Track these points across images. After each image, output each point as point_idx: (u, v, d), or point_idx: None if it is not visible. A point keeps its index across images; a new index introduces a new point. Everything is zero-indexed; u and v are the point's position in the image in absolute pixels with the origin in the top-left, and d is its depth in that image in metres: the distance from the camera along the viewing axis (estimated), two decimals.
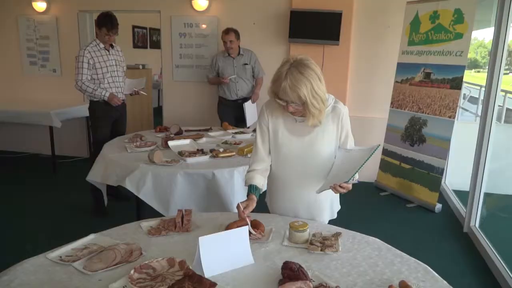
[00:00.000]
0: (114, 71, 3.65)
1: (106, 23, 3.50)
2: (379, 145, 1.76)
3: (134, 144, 3.03)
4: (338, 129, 1.77)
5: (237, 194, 2.54)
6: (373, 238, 1.65)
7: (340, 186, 1.62)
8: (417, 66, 4.21)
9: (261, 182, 1.85)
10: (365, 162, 1.62)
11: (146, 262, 1.39)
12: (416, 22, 4.20)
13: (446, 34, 3.91)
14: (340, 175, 1.67)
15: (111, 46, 3.68)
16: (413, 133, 4.21)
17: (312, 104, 1.62)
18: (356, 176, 1.67)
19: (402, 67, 4.38)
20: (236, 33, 4.22)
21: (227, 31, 4.21)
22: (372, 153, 1.65)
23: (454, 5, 3.84)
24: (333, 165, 1.76)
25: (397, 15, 4.46)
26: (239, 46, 4.34)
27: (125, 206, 3.75)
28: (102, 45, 3.59)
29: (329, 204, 1.93)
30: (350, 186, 1.64)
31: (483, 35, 8.37)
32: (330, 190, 1.67)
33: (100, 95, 3.54)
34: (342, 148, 1.80)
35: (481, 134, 3.36)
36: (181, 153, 2.74)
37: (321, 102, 1.64)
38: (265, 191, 2.06)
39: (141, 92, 3.92)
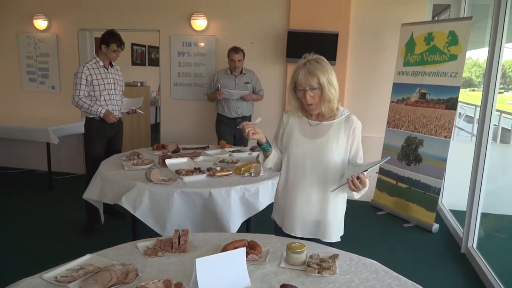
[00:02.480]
0: (111, 89, 3.67)
1: (115, 39, 3.56)
2: (389, 157, 1.89)
3: (131, 162, 3.02)
4: (349, 140, 1.82)
5: (234, 214, 2.53)
6: (370, 260, 1.65)
7: (357, 178, 1.65)
8: (413, 87, 4.27)
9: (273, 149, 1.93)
10: (378, 164, 1.67)
11: (142, 284, 1.37)
12: (411, 44, 4.28)
13: (441, 55, 3.98)
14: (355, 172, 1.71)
15: (111, 65, 3.71)
16: (409, 153, 4.23)
17: (328, 89, 1.75)
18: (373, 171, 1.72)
19: (398, 87, 4.44)
20: (243, 53, 4.31)
21: (237, 50, 4.27)
22: (384, 161, 1.77)
23: (449, 28, 3.92)
24: (343, 176, 1.79)
25: (392, 36, 4.54)
26: None
27: (121, 224, 3.72)
28: (101, 63, 3.62)
29: (337, 220, 1.92)
30: (367, 181, 1.68)
31: (477, 55, 8.50)
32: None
33: (96, 111, 3.54)
34: (351, 164, 1.83)
35: (477, 154, 3.39)
36: (178, 172, 2.74)
37: (334, 91, 1.77)
38: (271, 208, 2.09)
39: (139, 111, 3.93)
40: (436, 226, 3.95)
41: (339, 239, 1.93)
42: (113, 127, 3.71)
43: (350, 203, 2.00)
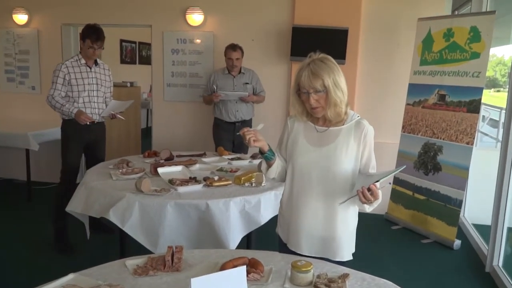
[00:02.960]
0: (93, 90, 3.63)
1: (90, 34, 3.52)
2: (405, 166, 1.83)
3: (120, 170, 3.02)
4: (360, 147, 1.82)
5: (234, 228, 2.53)
6: (385, 280, 1.64)
7: (368, 190, 1.65)
8: (431, 88, 4.28)
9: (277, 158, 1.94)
10: (392, 174, 1.68)
11: None
12: (429, 40, 4.30)
13: (462, 53, 3.99)
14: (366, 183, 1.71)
15: (95, 62, 3.69)
16: (427, 161, 4.23)
17: (334, 91, 1.76)
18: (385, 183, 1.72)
19: (414, 89, 4.45)
20: (242, 51, 4.32)
21: (234, 47, 4.28)
22: (399, 170, 1.77)
23: (470, 23, 3.94)
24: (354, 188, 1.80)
25: (408, 33, 4.56)
26: None
27: (108, 240, 3.71)
28: (83, 61, 3.61)
29: (348, 236, 1.92)
30: (379, 193, 1.68)
31: (502, 52, 8.51)
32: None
33: (68, 111, 3.49)
34: (362, 174, 1.83)
35: (503, 162, 3.38)
36: (171, 181, 2.74)
37: (341, 94, 1.78)
38: (275, 221, 2.09)
39: (119, 116, 3.79)
40: (457, 243, 3.94)
41: (350, 257, 1.93)
42: (92, 131, 3.67)
43: (362, 216, 2.00)
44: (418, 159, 4.33)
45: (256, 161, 3.37)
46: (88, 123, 3.60)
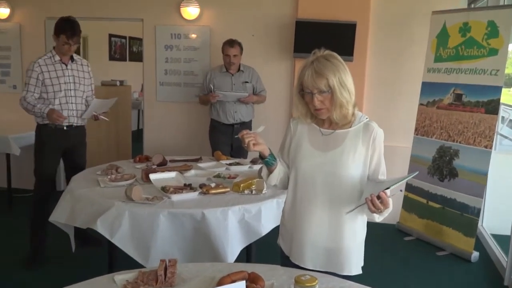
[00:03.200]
0: (70, 89, 3.57)
1: (66, 29, 3.43)
2: (417, 172, 1.88)
3: (109, 177, 3.02)
4: (368, 151, 1.82)
5: (232, 239, 2.52)
6: None
7: (378, 197, 1.65)
8: (446, 86, 4.28)
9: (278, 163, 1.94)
10: (404, 180, 1.68)
11: None
12: (444, 35, 4.30)
13: (479, 49, 3.99)
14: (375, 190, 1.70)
15: (72, 59, 3.62)
16: (442, 166, 4.23)
17: (340, 92, 1.76)
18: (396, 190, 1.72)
19: (428, 88, 4.45)
20: (241, 47, 4.33)
21: (232, 43, 4.28)
22: (411, 177, 1.78)
23: (487, 17, 3.94)
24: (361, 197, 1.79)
25: (421, 27, 4.56)
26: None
27: (95, 253, 3.70)
28: (57, 58, 3.54)
29: (356, 248, 1.91)
30: (390, 201, 1.68)
31: None
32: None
33: (40, 111, 3.43)
34: (371, 180, 1.83)
35: None
36: (165, 189, 2.74)
37: (348, 94, 1.78)
38: (277, 232, 2.08)
39: (102, 117, 3.71)
40: (475, 254, 3.93)
41: (360, 271, 1.92)
42: (70, 137, 3.62)
43: (371, 226, 1.99)
44: (432, 164, 4.32)
45: (257, 167, 3.37)
46: (64, 127, 3.55)
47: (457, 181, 4.09)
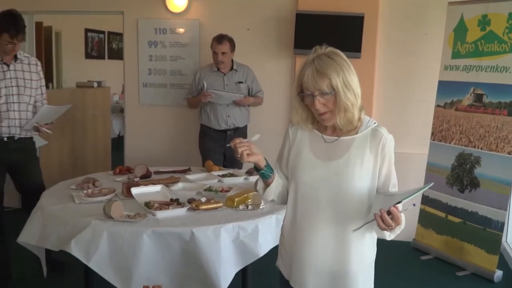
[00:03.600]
0: (12, 95, 3.45)
1: (9, 27, 3.31)
2: (432, 183, 1.86)
3: (85, 191, 3.01)
4: (377, 160, 1.83)
5: (225, 262, 2.51)
6: None
7: (389, 213, 1.64)
8: (465, 86, 4.29)
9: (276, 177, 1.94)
10: (418, 193, 1.67)
11: None
12: (462, 28, 4.32)
13: (500, 44, 4.01)
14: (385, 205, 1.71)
15: (15, 58, 3.52)
16: (462, 175, 4.24)
17: (344, 93, 1.76)
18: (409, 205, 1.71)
19: (445, 87, 4.46)
20: (232, 43, 4.32)
21: (220, 39, 4.28)
22: (425, 189, 1.77)
23: (508, 9, 3.96)
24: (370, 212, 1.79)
25: (436, 19, 4.57)
26: (232, 60, 4.44)
27: (70, 278, 3.68)
28: None
29: (364, 270, 1.91)
30: (402, 217, 1.67)
31: None
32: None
33: None
34: (380, 193, 1.83)
35: None
36: (148, 205, 2.73)
37: (353, 96, 1.78)
38: (275, 253, 2.06)
39: (43, 129, 3.54)
40: (499, 274, 3.94)
41: None
42: (12, 151, 3.48)
43: (383, 244, 1.99)
44: (451, 173, 4.33)
45: (253, 178, 3.37)
46: (5, 138, 3.43)
47: (479, 192, 4.09)
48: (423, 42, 4.71)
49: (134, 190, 2.92)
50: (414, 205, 1.69)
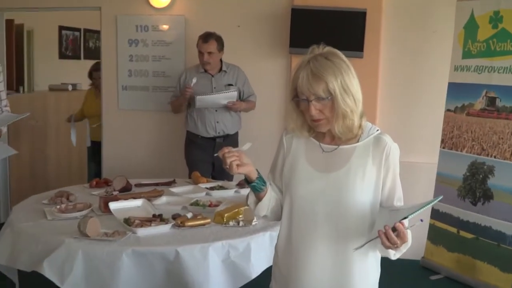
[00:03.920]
0: None
1: None
2: (441, 197, 1.87)
3: (57, 207, 3.01)
4: (381, 172, 1.83)
5: (214, 284, 2.51)
6: None
7: (393, 230, 1.64)
8: (477, 88, 4.31)
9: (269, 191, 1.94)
10: (425, 207, 1.68)
11: None
12: (472, 26, 4.35)
13: None
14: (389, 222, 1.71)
15: None
16: (475, 186, 4.25)
17: (342, 99, 1.76)
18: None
19: (455, 89, 4.48)
20: (219, 42, 4.33)
21: (207, 37, 4.29)
22: (434, 202, 1.76)
23: None
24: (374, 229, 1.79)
25: (445, 15, 4.59)
26: (221, 60, 4.44)
27: None
28: None
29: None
30: (408, 234, 1.67)
31: None
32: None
33: None
34: (385, 208, 1.84)
35: None
36: (128, 221, 2.73)
37: (353, 101, 1.78)
38: (269, 274, 2.07)
39: None
40: None
41: None
42: None
43: (389, 264, 2.00)
44: (463, 184, 4.33)
45: (245, 191, 3.36)
46: None
47: (493, 205, 4.10)
48: (431, 41, 4.73)
49: (113, 205, 2.92)
50: (421, 220, 1.69)
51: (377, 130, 1.88)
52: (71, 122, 5.44)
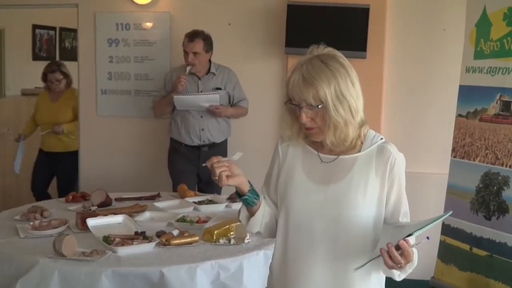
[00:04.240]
0: None
1: None
2: (451, 212, 1.86)
3: (31, 223, 3.00)
4: (384, 184, 1.83)
5: None
6: None
7: (397, 248, 1.64)
8: (490, 91, 4.33)
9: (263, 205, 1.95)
10: (434, 223, 1.67)
11: None
12: (485, 24, 4.38)
13: None
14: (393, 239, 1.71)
15: None
16: (489, 199, 4.26)
17: (335, 108, 1.75)
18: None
19: (467, 93, 4.49)
20: (206, 41, 4.34)
21: (192, 36, 4.30)
22: (443, 218, 1.76)
23: None
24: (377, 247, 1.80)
25: (455, 12, 4.60)
26: (210, 61, 4.46)
27: None
28: None
29: None
30: (413, 253, 1.67)
31: None
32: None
33: None
34: (389, 225, 1.84)
35: None
36: (108, 240, 2.73)
37: (348, 112, 1.77)
38: None
39: None
40: None
41: None
42: None
43: (394, 285, 2.01)
44: (476, 196, 4.34)
45: (237, 206, 3.36)
46: None
47: (508, 219, 4.10)
48: (440, 39, 4.76)
49: (91, 222, 2.92)
50: (428, 238, 1.70)
51: (381, 138, 1.89)
52: (20, 143, 5.37)
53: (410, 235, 1.67)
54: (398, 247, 1.65)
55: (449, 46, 4.71)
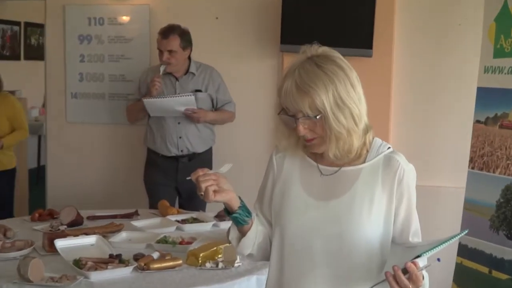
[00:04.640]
0: None
1: None
2: (467, 230, 1.86)
3: None
4: (392, 199, 1.83)
5: None
6: None
7: (405, 271, 1.62)
8: (511, 94, 4.36)
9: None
10: (447, 243, 1.67)
11: None
12: (506, 18, 4.40)
13: None
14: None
15: None
16: (510, 216, 4.28)
17: (335, 117, 1.74)
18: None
19: (485, 96, 4.51)
20: (184, 38, 4.32)
21: (166, 32, 4.29)
22: (457, 237, 1.75)
23: None
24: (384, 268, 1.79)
25: (473, 5, 4.64)
26: (189, 58, 4.47)
27: None
28: None
29: None
30: (422, 276, 1.66)
31: None
32: None
33: None
34: (398, 245, 1.85)
35: None
36: (79, 263, 2.73)
37: (350, 119, 1.76)
38: None
39: None
40: None
41: None
42: None
43: None
44: (496, 213, 4.35)
45: (225, 224, 3.37)
46: None
47: None
48: (456, 35, 4.77)
49: (60, 243, 2.91)
50: (438, 260, 1.70)
51: (388, 147, 1.89)
52: None
53: (418, 256, 1.67)
54: (405, 271, 1.65)
55: (465, 43, 4.71)
